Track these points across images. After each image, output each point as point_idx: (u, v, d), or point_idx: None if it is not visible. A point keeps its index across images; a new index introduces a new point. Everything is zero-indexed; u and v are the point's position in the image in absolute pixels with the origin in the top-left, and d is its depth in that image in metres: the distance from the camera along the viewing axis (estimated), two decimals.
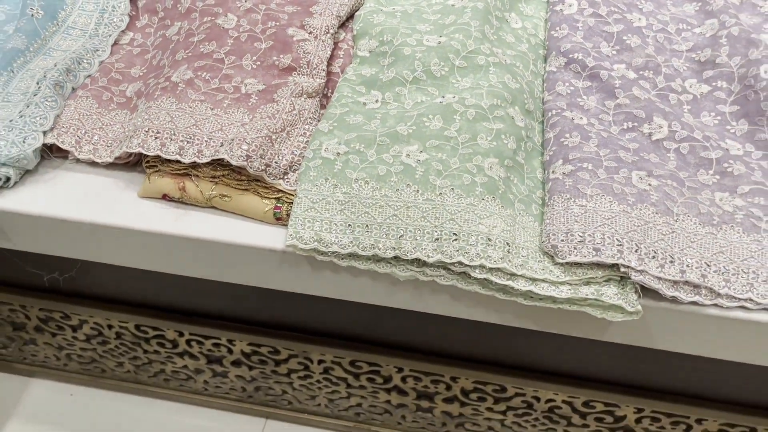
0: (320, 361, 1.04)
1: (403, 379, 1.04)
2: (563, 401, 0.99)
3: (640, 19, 0.76)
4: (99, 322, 1.08)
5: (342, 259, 0.60)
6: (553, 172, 0.63)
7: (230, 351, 1.07)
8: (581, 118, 0.68)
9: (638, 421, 1.00)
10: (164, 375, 1.20)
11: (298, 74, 0.69)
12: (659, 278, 0.56)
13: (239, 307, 1.01)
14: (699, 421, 0.96)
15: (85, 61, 0.74)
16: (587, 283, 0.57)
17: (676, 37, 0.75)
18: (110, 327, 1.09)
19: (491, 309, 0.62)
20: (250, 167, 0.61)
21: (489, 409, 1.06)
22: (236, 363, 1.10)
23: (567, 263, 0.57)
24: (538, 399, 1.00)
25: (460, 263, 0.57)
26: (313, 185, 0.61)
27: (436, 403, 1.08)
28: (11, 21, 0.78)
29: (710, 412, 0.93)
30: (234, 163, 0.61)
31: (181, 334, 1.06)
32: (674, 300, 0.57)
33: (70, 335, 1.13)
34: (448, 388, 1.03)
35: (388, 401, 1.11)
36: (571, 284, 0.57)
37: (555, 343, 0.92)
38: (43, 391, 1.28)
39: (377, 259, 0.60)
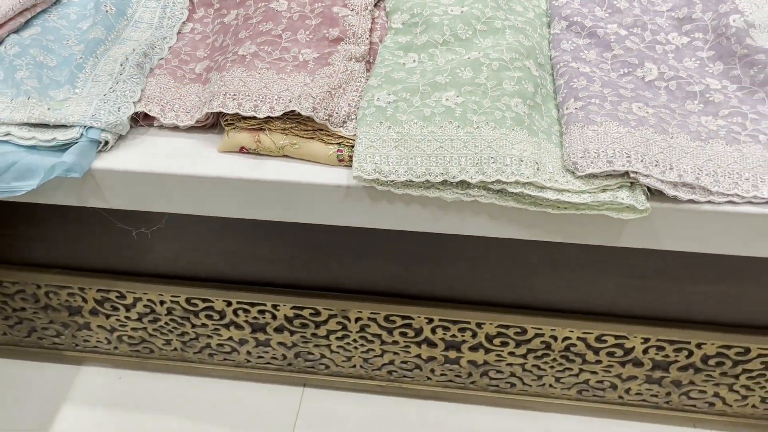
0: (357, 319, 1.15)
1: (433, 330, 1.15)
2: (578, 338, 1.11)
3: None
4: (152, 299, 1.18)
5: (398, 187, 0.72)
6: (566, 108, 0.76)
7: (274, 317, 1.18)
8: (585, 67, 0.81)
9: (645, 351, 1.12)
10: (209, 350, 1.30)
11: (346, 43, 0.81)
12: (662, 181, 0.69)
13: (283, 275, 1.12)
14: (699, 346, 1.08)
15: (157, 46, 0.86)
16: (604, 190, 0.70)
17: (658, 0, 0.89)
18: (162, 303, 1.19)
19: (521, 224, 0.75)
20: (317, 117, 0.73)
21: (511, 354, 1.17)
22: (279, 330, 1.21)
23: (586, 176, 0.70)
24: (555, 338, 1.12)
25: (499, 181, 0.70)
26: (370, 128, 0.73)
27: (462, 352, 1.19)
28: (82, 20, 0.90)
29: (708, 334, 1.06)
30: (303, 113, 0.73)
31: (229, 304, 1.16)
32: (675, 199, 0.70)
33: (123, 315, 1.23)
34: (474, 335, 1.14)
35: (419, 355, 1.22)
36: (590, 192, 0.70)
37: (569, 281, 1.04)
38: (93, 376, 1.37)
39: (428, 185, 0.72)
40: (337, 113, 0.75)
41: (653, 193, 0.71)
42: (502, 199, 0.71)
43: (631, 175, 0.69)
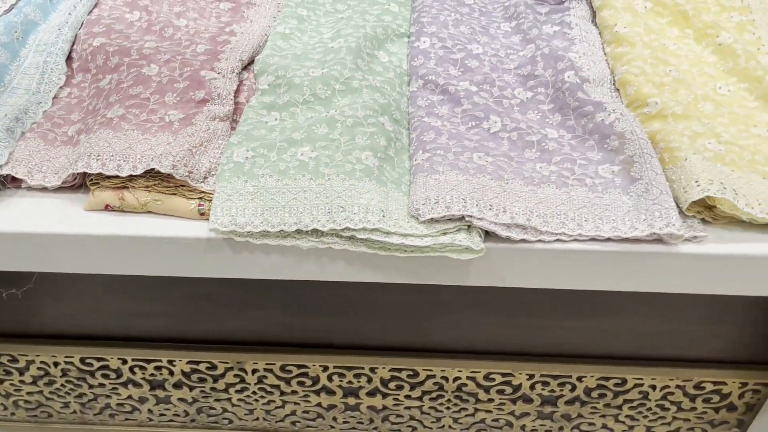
0: (254, 371, 1.17)
1: (329, 378, 1.17)
2: (467, 377, 1.15)
3: (478, 48, 0.99)
4: (45, 361, 1.17)
5: (256, 238, 0.76)
6: (415, 159, 0.82)
7: (171, 373, 1.19)
8: (436, 121, 0.88)
9: (532, 387, 1.16)
10: (110, 410, 1.28)
11: (212, 104, 0.86)
12: (495, 223, 0.75)
13: (176, 329, 1.13)
14: (579, 379, 1.14)
15: (30, 111, 0.89)
16: (444, 233, 0.75)
17: (505, 60, 0.98)
18: (56, 364, 1.18)
19: (377, 269, 0.79)
20: (176, 174, 0.77)
21: (407, 397, 1.20)
22: (178, 385, 1.21)
23: (428, 221, 0.75)
24: (446, 379, 1.16)
25: (348, 228, 0.74)
26: (228, 182, 0.78)
27: (361, 398, 1.21)
28: None
29: (586, 367, 1.11)
30: (163, 171, 0.77)
31: (125, 362, 1.17)
32: (509, 239, 0.76)
33: (17, 379, 1.21)
34: (369, 380, 1.17)
35: (319, 404, 1.24)
36: (432, 236, 0.75)
37: (453, 322, 1.09)
38: None
39: (284, 235, 0.76)
40: (197, 170, 0.79)
41: (490, 235, 0.76)
42: (353, 245, 0.76)
43: (467, 218, 0.75)
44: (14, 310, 1.10)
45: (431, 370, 1.14)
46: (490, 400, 1.19)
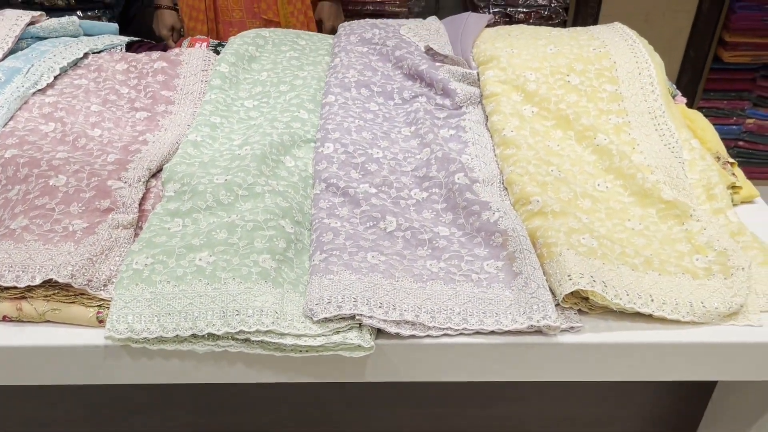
0: None
1: None
2: None
3: (378, 152, 1.06)
4: None
5: (152, 343, 0.77)
6: (313, 260, 0.86)
7: None
8: (336, 222, 0.93)
9: None
10: None
11: (116, 213, 0.89)
12: (385, 320, 0.79)
13: None
14: None
15: None
16: (336, 332, 0.78)
17: (403, 162, 1.05)
18: None
19: (276, 369, 0.81)
20: (75, 283, 0.79)
21: None
22: None
23: (321, 320, 0.79)
24: None
25: (242, 331, 0.77)
26: (126, 290, 0.80)
27: None
28: None
29: None
30: (61, 281, 0.78)
31: None
32: (398, 335, 0.79)
33: None
34: None
35: None
36: (325, 335, 0.78)
37: (367, 416, 1.10)
38: None
39: (180, 339, 0.78)
40: (97, 278, 0.81)
41: (384, 331, 0.80)
42: (249, 347, 0.78)
43: (357, 317, 0.78)
44: None
45: None
46: None
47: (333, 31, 1.61)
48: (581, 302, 0.83)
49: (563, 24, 2.19)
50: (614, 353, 0.81)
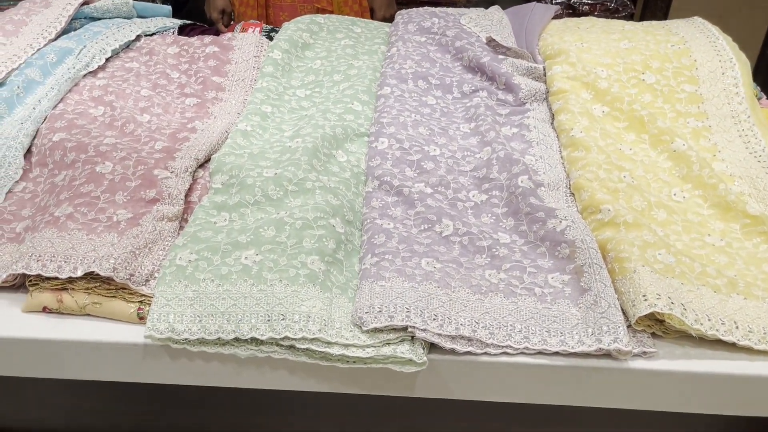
0: None
1: None
2: None
3: (435, 149, 0.99)
4: None
5: (193, 345, 0.74)
6: (364, 264, 0.81)
7: None
8: (389, 223, 0.87)
9: None
10: None
11: (161, 204, 0.86)
12: (439, 335, 0.73)
13: (126, 426, 1.09)
14: None
15: None
16: (387, 344, 0.73)
17: (462, 161, 0.99)
18: None
19: (320, 378, 0.76)
20: (116, 277, 0.76)
21: None
22: None
23: (371, 330, 0.73)
24: None
25: (287, 338, 0.72)
26: (168, 287, 0.76)
27: None
28: None
29: None
30: (102, 273, 0.75)
31: None
32: (453, 351, 0.73)
33: None
34: None
35: None
36: (374, 346, 0.73)
37: (407, 426, 1.05)
38: None
39: (222, 342, 0.74)
40: (139, 272, 0.78)
41: (436, 345, 0.74)
42: (294, 355, 0.73)
43: (409, 329, 0.73)
44: None
45: None
46: None
47: (385, 21, 1.54)
48: (656, 325, 0.76)
49: (630, 18, 2.08)
50: (692, 383, 0.73)
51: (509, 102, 1.12)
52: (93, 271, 0.76)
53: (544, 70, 1.17)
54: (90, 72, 1.14)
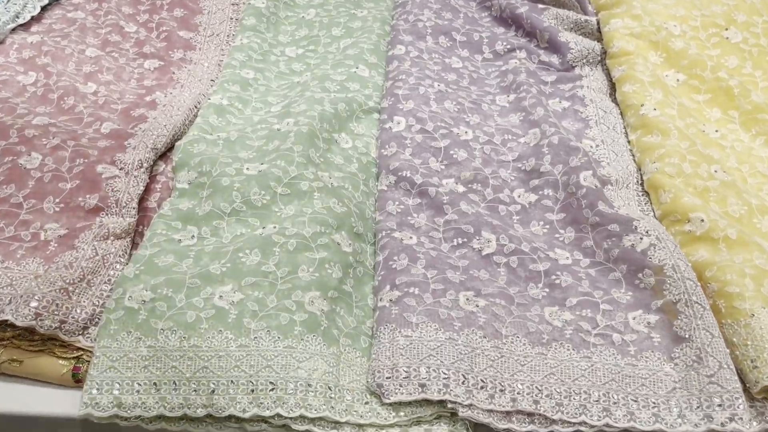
0: None
1: None
2: None
3: (466, 132, 0.77)
4: None
5: (149, 423, 0.53)
6: (380, 299, 0.60)
7: None
8: (411, 237, 0.66)
9: None
10: None
11: (106, 214, 0.64)
12: (490, 411, 0.53)
13: None
14: None
15: None
16: (417, 422, 0.53)
17: (502, 148, 0.76)
18: None
19: None
20: (41, 326, 0.55)
21: None
22: None
23: (394, 403, 0.53)
24: None
25: (279, 415, 0.52)
26: (114, 340, 0.55)
27: None
28: None
29: None
30: (19, 324, 0.54)
31: None
32: None
33: None
34: None
35: None
36: (400, 425, 0.53)
37: None
38: None
39: (189, 419, 0.53)
40: (74, 317, 0.57)
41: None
42: None
43: (449, 404, 0.53)
44: None
45: None
46: None
47: None
48: None
49: None
50: None
51: (554, 65, 0.89)
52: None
53: (598, 24, 0.93)
54: (21, 25, 0.89)
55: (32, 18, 0.91)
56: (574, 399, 0.54)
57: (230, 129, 0.76)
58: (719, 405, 0.53)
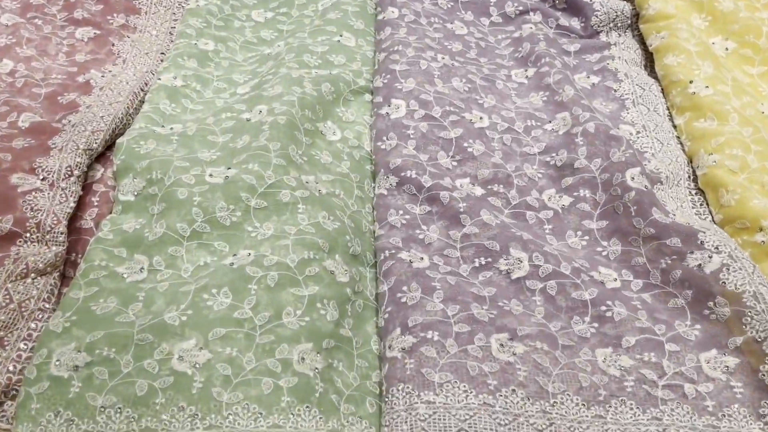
0: None
1: None
2: None
3: (481, 118, 0.63)
4: None
5: None
6: (390, 347, 0.47)
7: None
8: (421, 258, 0.52)
9: None
10: None
11: (24, 242, 0.48)
12: None
13: None
14: None
15: None
16: None
17: (525, 138, 0.62)
18: None
19: None
20: None
21: None
22: None
23: None
24: None
25: None
26: (36, 424, 0.41)
27: None
28: None
29: None
30: None
31: None
32: None
33: None
34: None
35: None
36: None
37: None
38: None
39: None
40: None
41: None
42: None
43: None
44: None
45: None
46: None
47: None
48: None
49: None
50: None
51: (575, 31, 0.75)
52: None
53: None
54: None
55: None
56: None
57: (187, 119, 0.61)
58: None
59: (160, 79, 0.64)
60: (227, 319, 0.45)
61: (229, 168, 0.54)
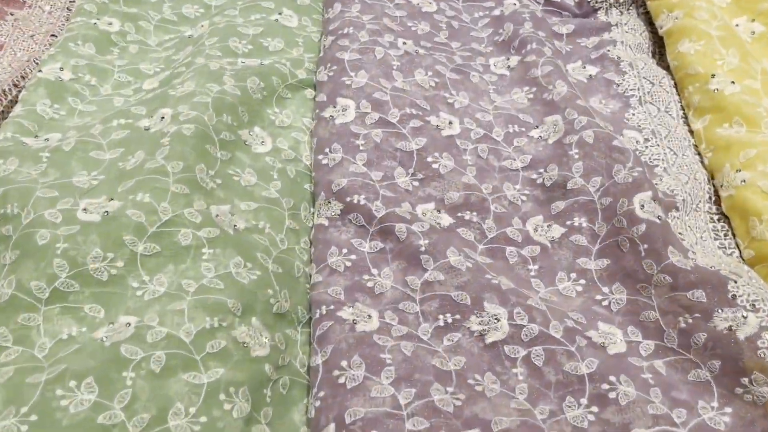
0: None
1: None
2: None
3: (451, 123, 0.50)
4: None
5: None
6: None
7: None
8: (369, 317, 0.40)
9: None
10: None
11: None
12: None
13: None
14: None
15: None
16: None
17: (505, 148, 0.50)
18: None
19: None
20: None
21: None
22: None
23: None
24: None
25: None
26: None
27: None
28: None
29: None
30: None
31: None
32: None
33: None
34: None
35: None
36: None
37: None
38: None
39: None
40: None
41: None
42: None
43: None
44: None
45: None
46: None
47: None
48: None
49: None
50: None
51: (568, 7, 0.61)
52: None
53: None
54: None
55: None
56: None
57: (71, 125, 0.47)
58: None
59: (41, 71, 0.50)
60: (88, 426, 0.32)
61: (112, 199, 0.40)
